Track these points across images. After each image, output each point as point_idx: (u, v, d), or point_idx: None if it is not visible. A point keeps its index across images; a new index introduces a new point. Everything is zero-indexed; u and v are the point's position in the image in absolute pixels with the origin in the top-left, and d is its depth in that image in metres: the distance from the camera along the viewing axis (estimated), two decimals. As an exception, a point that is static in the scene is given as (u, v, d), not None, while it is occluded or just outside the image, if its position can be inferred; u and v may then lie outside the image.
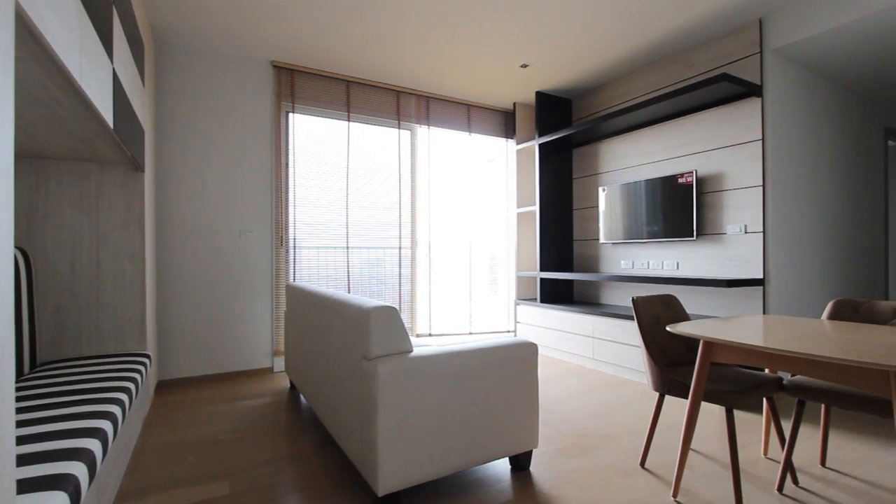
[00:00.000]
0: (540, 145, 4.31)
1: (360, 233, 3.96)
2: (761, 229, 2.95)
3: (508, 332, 4.74)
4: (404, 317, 4.19)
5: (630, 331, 3.33)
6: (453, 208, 4.49)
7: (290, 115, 3.69)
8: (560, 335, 3.99)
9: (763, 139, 2.96)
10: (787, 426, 2.40)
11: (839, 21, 2.66)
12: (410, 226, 4.22)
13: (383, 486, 1.50)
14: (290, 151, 3.68)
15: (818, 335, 1.52)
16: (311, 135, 3.80)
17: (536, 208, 4.33)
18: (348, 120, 3.91)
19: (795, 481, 1.83)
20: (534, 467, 1.96)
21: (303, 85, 3.71)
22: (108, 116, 1.59)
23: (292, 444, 2.21)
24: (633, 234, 3.69)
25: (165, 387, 3.18)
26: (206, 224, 3.36)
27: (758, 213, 2.97)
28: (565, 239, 4.47)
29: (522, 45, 3.35)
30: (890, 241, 4.38)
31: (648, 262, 3.70)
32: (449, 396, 1.63)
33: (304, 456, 2.07)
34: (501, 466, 1.96)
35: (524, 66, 3.70)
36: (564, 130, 3.96)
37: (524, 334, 4.46)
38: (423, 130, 4.29)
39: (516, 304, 4.56)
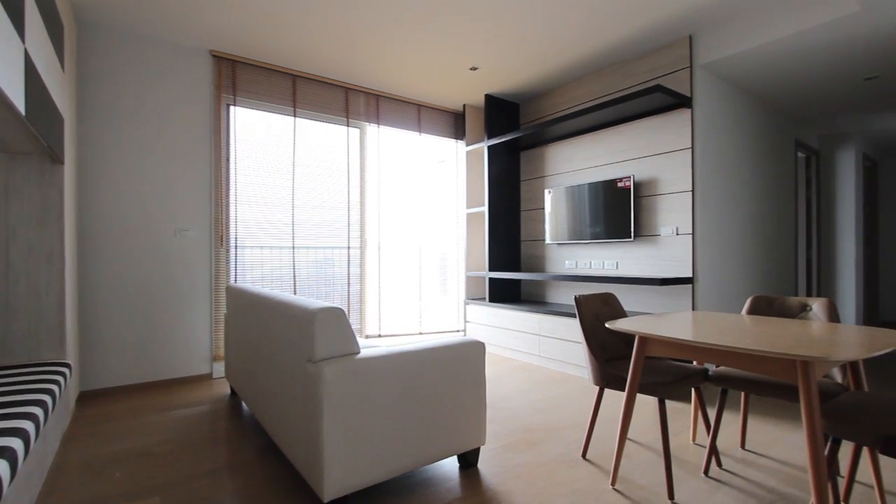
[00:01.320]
0: (489, 147, 4.39)
1: (307, 232, 3.85)
2: (691, 231, 3.18)
3: (458, 331, 4.79)
4: (353, 318, 4.12)
5: (573, 328, 3.47)
6: (404, 208, 4.47)
7: (232, 108, 3.52)
8: (508, 333, 4.08)
9: (692, 148, 3.18)
10: (712, 414, 2.60)
11: (756, 42, 2.91)
12: (360, 225, 4.16)
13: (329, 491, 1.47)
14: (232, 146, 3.51)
15: (738, 329, 1.65)
16: (255, 130, 3.65)
17: (485, 209, 4.40)
18: (294, 115, 3.79)
19: (719, 464, 1.99)
20: (482, 464, 1.99)
21: (245, 77, 3.55)
22: (18, 102, 1.44)
23: (233, 453, 2.11)
24: (577, 235, 3.85)
25: (90, 398, 2.93)
26: (137, 222, 3.13)
27: (688, 216, 3.19)
28: (513, 239, 4.58)
29: (472, 48, 3.40)
30: (798, 242, 4.86)
31: (591, 262, 3.87)
32: (397, 397, 1.62)
33: (245, 465, 1.98)
34: (450, 465, 1.98)
35: (474, 68, 3.75)
36: (512, 133, 4.06)
37: (473, 333, 4.52)
38: (372, 129, 4.24)
39: (466, 303, 4.61)
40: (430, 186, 4.65)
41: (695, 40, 3.20)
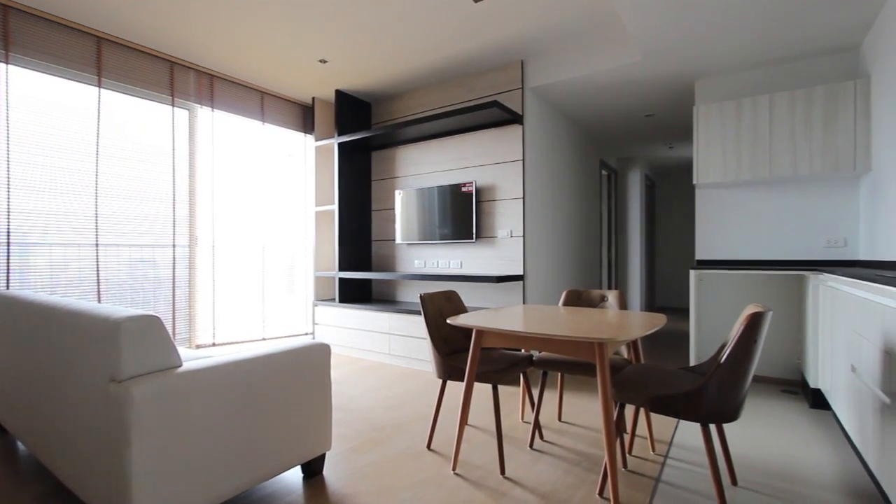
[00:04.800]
0: (339, 144, 4.28)
1: (117, 227, 3.23)
2: (522, 234, 3.58)
3: (307, 334, 4.56)
4: (180, 326, 3.60)
5: (421, 325, 3.61)
6: (244, 203, 4.07)
7: (2, 65, 2.75)
8: (359, 334, 4.05)
9: (523, 160, 3.59)
10: (537, 394, 2.97)
11: (565, 76, 3.43)
12: (188, 220, 3.66)
13: (140, 532, 1.25)
14: (3, 115, 2.75)
15: (554, 319, 1.92)
16: (41, 98, 2.92)
17: (335, 207, 4.29)
18: (99, 86, 3.14)
19: (542, 436, 2.28)
20: (327, 470, 1.93)
21: (23, 29, 2.81)
22: None
23: (-2, 507, 1.65)
24: (426, 235, 4.01)
25: None
26: None
27: (519, 220, 3.59)
28: (364, 239, 4.56)
29: (321, 40, 3.27)
30: (602, 244, 5.87)
31: (438, 262, 4.07)
32: (230, 411, 1.47)
33: (18, 519, 1.57)
34: (293, 476, 1.87)
35: (323, 61, 3.62)
36: (364, 132, 4.03)
37: (323, 336, 4.36)
38: (205, 112, 3.77)
39: (315, 305, 4.43)
40: (275, 181, 4.33)
41: (525, 65, 3.62)
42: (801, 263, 3.17)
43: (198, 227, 3.71)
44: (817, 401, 2.65)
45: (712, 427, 2.38)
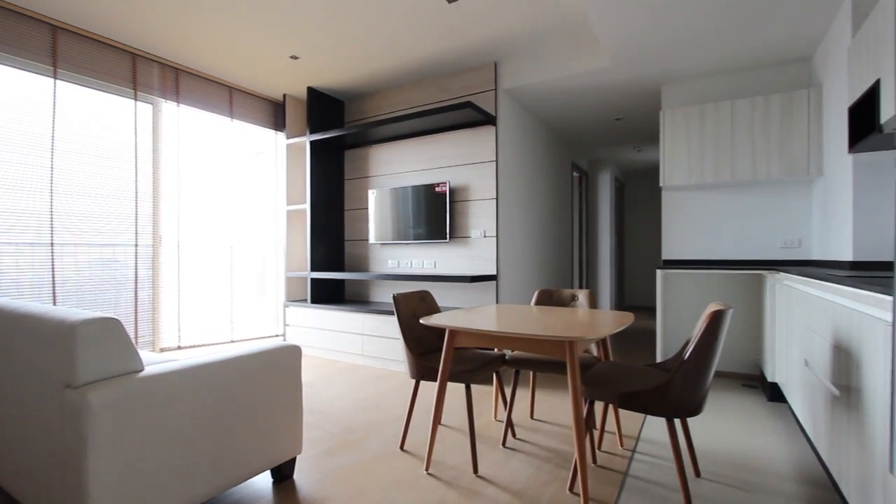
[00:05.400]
0: (312, 142, 4.21)
1: (75, 226, 3.08)
2: (495, 234, 3.61)
3: (277, 336, 4.47)
4: (143, 328, 3.47)
5: (395, 325, 3.59)
6: (212, 201, 3.95)
7: (-55, 54, 2.58)
8: (332, 335, 3.99)
9: (497, 161, 3.63)
10: (509, 392, 3.00)
11: (538, 79, 3.48)
12: (152, 219, 3.52)
13: (98, 544, 1.20)
14: (-55, 106, 2.58)
15: (526, 318, 1.95)
16: (-13, 88, 2.75)
17: (307, 206, 4.22)
18: (55, 77, 2.99)
19: (514, 435, 2.31)
20: (298, 474, 1.90)
21: (-30, 16, 2.65)
22: None
23: (-60, 524, 1.55)
24: (400, 235, 3.99)
25: None
26: None
27: (493, 220, 3.62)
28: (337, 239, 4.50)
29: (293, 36, 3.21)
30: (573, 244, 5.98)
31: (412, 262, 4.06)
32: (195, 417, 1.42)
33: (-38, 536, 1.48)
34: (262, 481, 1.83)
35: (294, 57, 3.55)
36: (337, 131, 3.98)
37: (295, 337, 4.28)
38: (170, 107, 3.64)
39: (286, 306, 4.34)
40: (244, 179, 4.22)
41: (499, 67, 3.65)
42: (759, 263, 3.32)
43: (162, 226, 3.58)
44: (774, 394, 2.78)
45: (677, 421, 2.46)
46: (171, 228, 3.64)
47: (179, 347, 3.72)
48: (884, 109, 1.83)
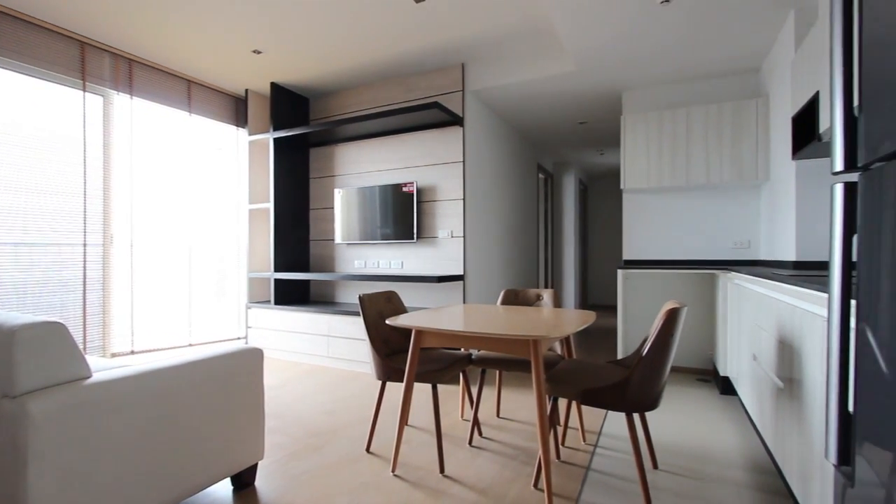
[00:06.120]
0: (275, 140, 4.10)
1: (14, 223, 2.88)
2: (462, 234, 3.63)
3: (239, 338, 4.33)
4: (92, 333, 3.28)
5: (361, 326, 3.55)
6: (169, 199, 3.78)
7: None
8: (297, 337, 3.90)
9: (464, 161, 3.65)
10: (476, 392, 3.02)
11: (504, 81, 3.53)
12: (103, 217, 3.34)
13: (39, 563, 1.13)
14: None
15: (492, 318, 1.97)
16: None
17: (271, 205, 4.11)
18: (-9, 65, 2.78)
19: (480, 433, 2.33)
20: (260, 480, 1.85)
21: None
22: None
23: None
24: (367, 235, 3.95)
25: None
26: None
27: (460, 221, 3.64)
28: (302, 238, 4.40)
29: (255, 30, 3.12)
30: (539, 244, 6.09)
31: (379, 262, 4.03)
32: (148, 425, 1.36)
33: None
34: (222, 489, 1.77)
35: (257, 52, 3.45)
36: (301, 128, 3.89)
37: (257, 340, 4.16)
38: (123, 100, 3.46)
39: (248, 307, 4.21)
40: (204, 177, 4.06)
41: (466, 68, 3.68)
42: (712, 263, 3.48)
43: (113, 225, 3.40)
44: (726, 387, 2.92)
45: (636, 416, 2.55)
46: (123, 227, 3.46)
47: (133, 352, 3.54)
48: (822, 120, 1.96)
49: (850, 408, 0.87)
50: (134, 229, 3.53)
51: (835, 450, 0.87)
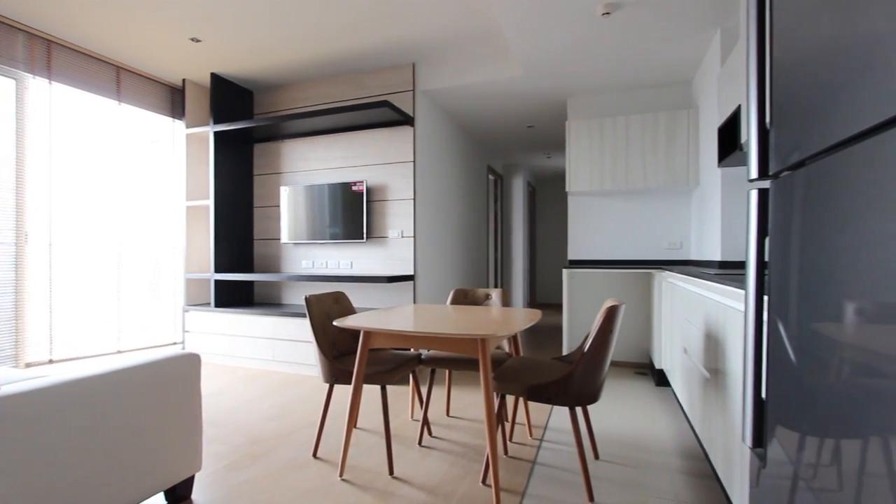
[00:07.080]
0: (216, 133, 3.90)
1: None
2: (412, 234, 3.62)
3: (175, 343, 4.07)
4: (2, 340, 2.96)
5: (308, 328, 3.45)
6: (96, 194, 3.49)
7: None
8: (239, 340, 3.73)
9: (414, 161, 3.64)
10: (426, 392, 3.03)
11: (453, 83, 3.56)
12: (15, 213, 3.03)
13: None
14: None
15: (441, 317, 1.98)
16: None
17: (211, 203, 3.89)
18: None
19: (430, 433, 2.33)
20: (197, 493, 1.75)
21: None
22: None
23: None
24: (315, 235, 3.84)
25: None
26: None
27: (410, 221, 3.63)
28: (245, 238, 4.21)
29: (194, 15, 2.95)
30: (489, 245, 6.20)
31: (327, 262, 3.93)
32: (68, 440, 1.25)
33: None
34: (153, 505, 1.66)
35: (196, 39, 3.26)
36: (245, 122, 3.72)
37: (196, 344, 3.93)
38: (39, 84, 3.15)
39: (185, 311, 3.97)
40: (136, 171, 3.78)
41: (417, 68, 3.67)
42: (649, 263, 3.70)
43: (28, 222, 3.09)
44: (661, 379, 3.11)
45: (579, 409, 2.66)
46: (40, 224, 3.16)
47: (51, 361, 3.23)
48: (744, 131, 2.13)
49: (764, 395, 0.95)
50: (53, 227, 3.23)
51: (750, 434, 0.95)
